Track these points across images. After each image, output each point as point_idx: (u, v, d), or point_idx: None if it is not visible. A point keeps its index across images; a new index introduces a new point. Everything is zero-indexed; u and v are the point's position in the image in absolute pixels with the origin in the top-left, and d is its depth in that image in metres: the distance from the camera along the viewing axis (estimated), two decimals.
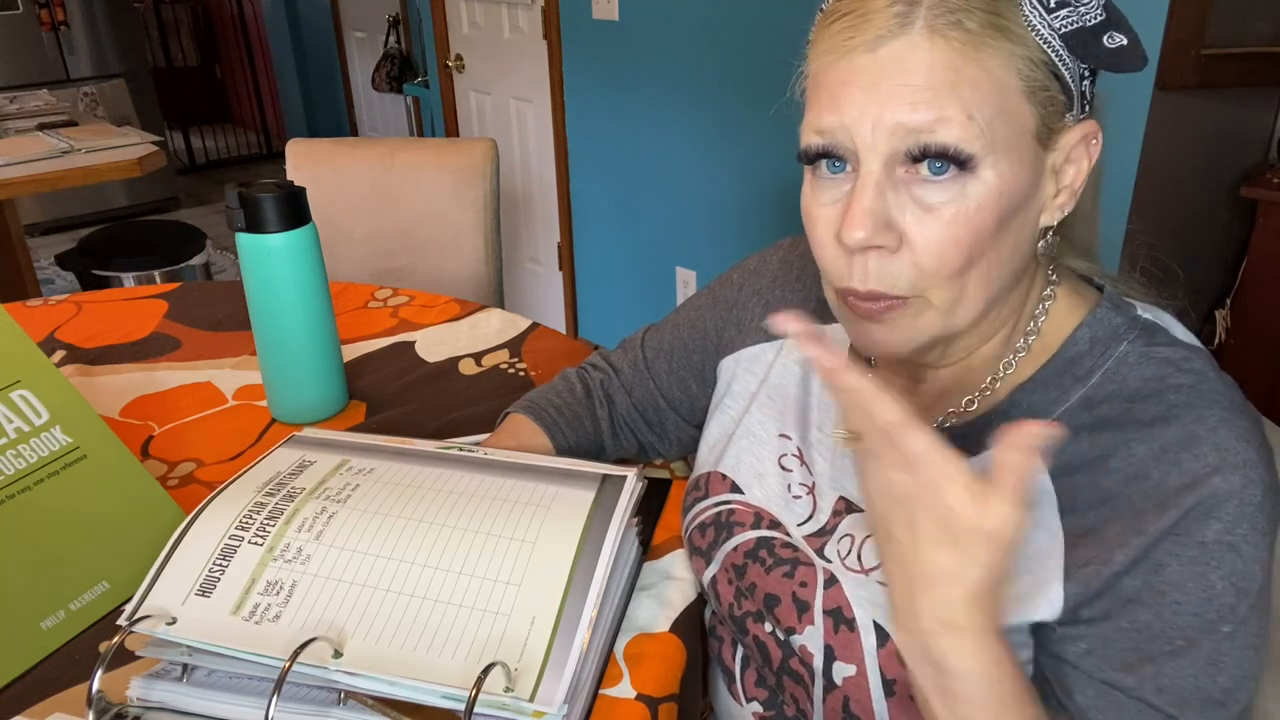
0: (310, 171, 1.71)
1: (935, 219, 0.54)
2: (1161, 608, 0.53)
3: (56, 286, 3.60)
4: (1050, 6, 0.53)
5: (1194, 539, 0.52)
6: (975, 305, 0.57)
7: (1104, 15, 0.54)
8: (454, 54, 3.14)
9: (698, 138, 2.45)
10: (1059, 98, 0.55)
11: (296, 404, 1.00)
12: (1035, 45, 0.53)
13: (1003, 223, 0.55)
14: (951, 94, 0.51)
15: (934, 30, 0.51)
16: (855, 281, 0.56)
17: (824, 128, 0.55)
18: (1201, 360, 0.58)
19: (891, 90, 0.52)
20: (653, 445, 0.90)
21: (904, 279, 0.55)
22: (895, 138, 0.52)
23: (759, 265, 0.82)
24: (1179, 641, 0.53)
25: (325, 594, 0.61)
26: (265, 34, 5.45)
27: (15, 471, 0.72)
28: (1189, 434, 0.54)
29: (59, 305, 1.32)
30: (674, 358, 0.85)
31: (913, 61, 0.51)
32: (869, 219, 0.53)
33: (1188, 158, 1.80)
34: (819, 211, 0.58)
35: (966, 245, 0.54)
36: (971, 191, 0.53)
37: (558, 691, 0.55)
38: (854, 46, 0.53)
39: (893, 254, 0.55)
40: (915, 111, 0.51)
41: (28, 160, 2.14)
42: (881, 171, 0.53)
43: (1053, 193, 0.57)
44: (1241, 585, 0.52)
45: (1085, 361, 0.60)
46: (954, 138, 0.51)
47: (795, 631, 0.66)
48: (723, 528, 0.73)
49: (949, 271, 0.55)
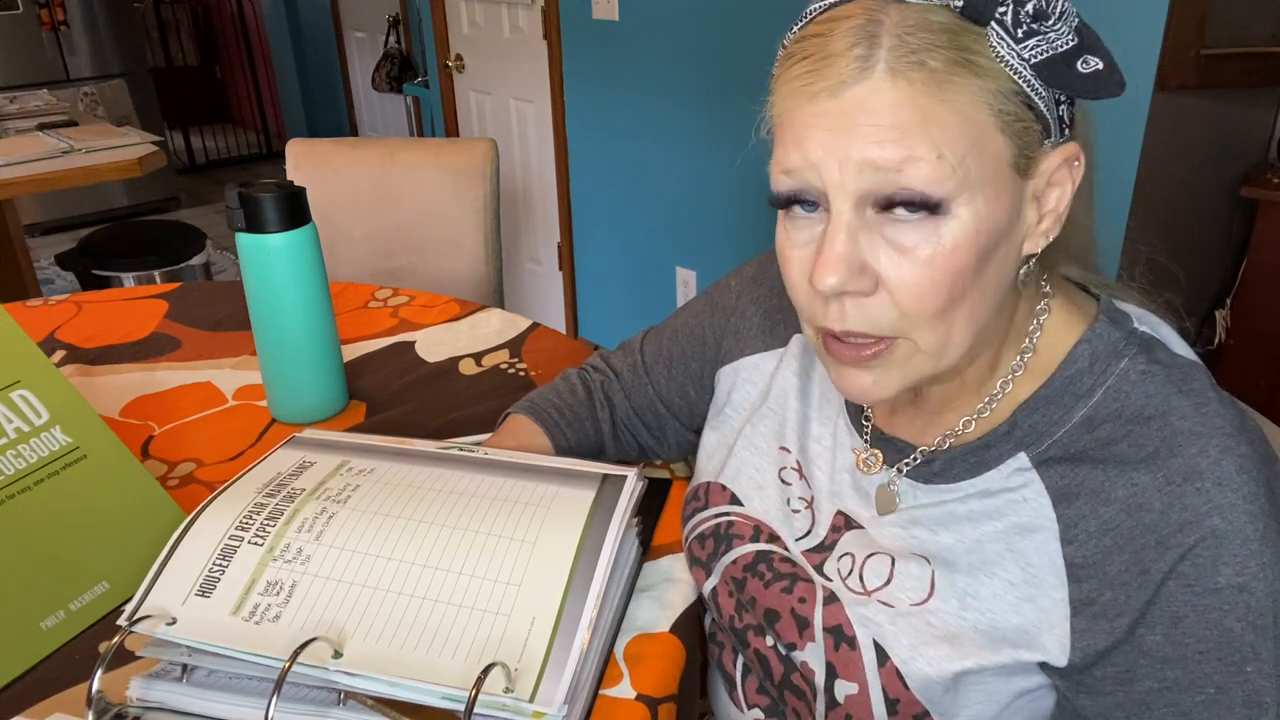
0: (310, 171, 1.71)
1: (910, 261, 0.52)
2: (1186, 661, 0.53)
3: (56, 286, 3.60)
4: (1018, 37, 0.50)
5: (1207, 587, 0.52)
6: (963, 342, 0.56)
7: (1076, 40, 0.52)
8: (454, 54, 3.14)
9: (698, 138, 2.45)
10: (1034, 127, 0.53)
11: (296, 404, 1.00)
12: (1005, 77, 0.51)
13: (982, 259, 0.53)
14: (920, 132, 0.50)
15: (895, 72, 0.50)
16: (831, 322, 0.55)
17: (791, 168, 0.54)
18: (1201, 378, 0.57)
19: (857, 130, 0.50)
20: (653, 448, 0.89)
21: (885, 319, 0.54)
22: (863, 176, 0.51)
23: (757, 273, 0.82)
24: (1209, 689, 0.52)
25: (325, 594, 0.61)
26: (265, 34, 5.45)
27: (15, 471, 0.72)
28: (1191, 467, 0.53)
29: (59, 305, 1.32)
30: (672, 364, 0.85)
31: (877, 104, 0.50)
32: (841, 265, 0.52)
33: (1188, 158, 1.80)
34: (792, 253, 0.56)
35: (946, 286, 0.53)
36: (946, 232, 0.52)
37: (558, 692, 0.55)
38: (816, 91, 0.51)
39: (868, 297, 0.54)
40: (883, 149, 0.50)
41: (28, 160, 2.14)
42: (852, 213, 0.52)
43: (1035, 220, 0.56)
44: (1259, 622, 0.52)
45: (1085, 379, 0.59)
46: (922, 180, 0.50)
47: (796, 647, 0.65)
48: (722, 539, 0.73)
49: (930, 312, 0.53)
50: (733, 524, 0.73)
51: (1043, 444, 0.59)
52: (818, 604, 0.65)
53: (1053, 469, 0.58)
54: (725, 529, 0.73)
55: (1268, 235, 1.88)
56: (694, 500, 0.78)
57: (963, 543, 0.61)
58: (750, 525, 0.72)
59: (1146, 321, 0.62)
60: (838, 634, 0.63)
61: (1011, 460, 0.60)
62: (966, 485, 0.62)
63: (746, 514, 0.73)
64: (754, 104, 0.59)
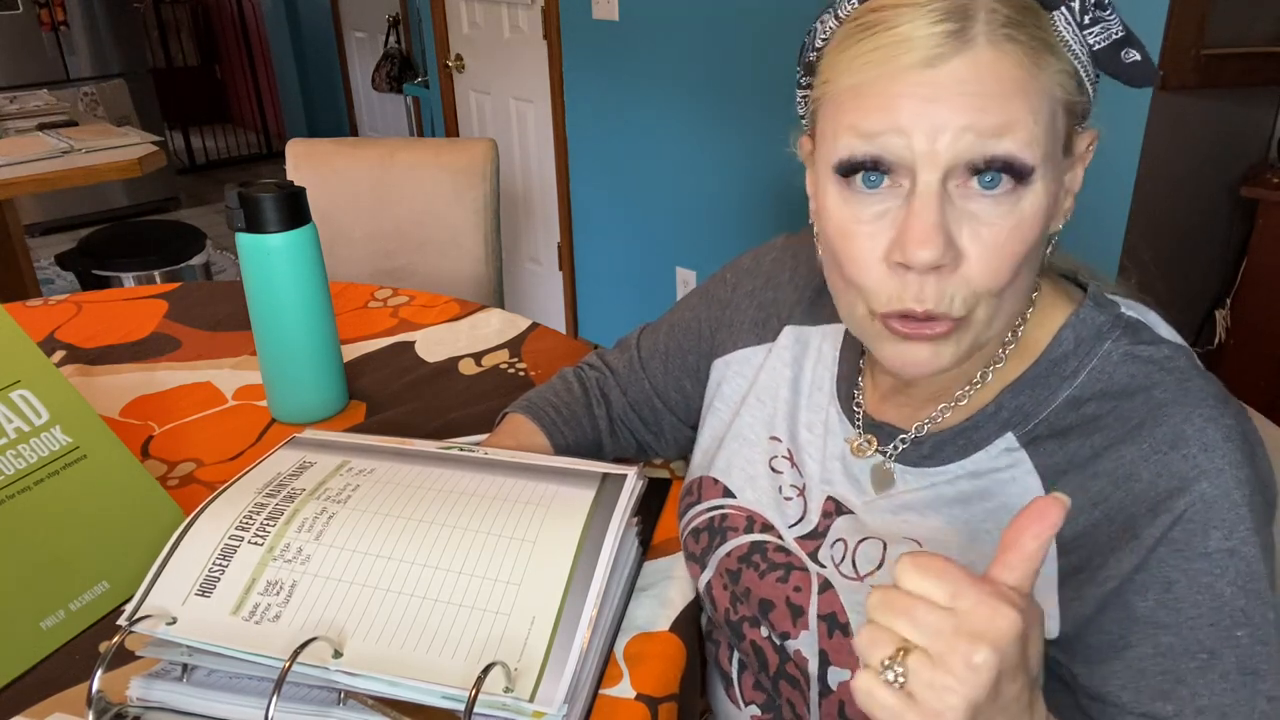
0: (310, 171, 1.71)
1: (991, 234, 0.52)
2: (1179, 625, 0.53)
3: (56, 286, 3.60)
4: (1084, 23, 0.53)
5: (1197, 551, 0.52)
6: (1007, 319, 0.57)
7: (1124, 31, 0.55)
8: (454, 54, 3.13)
9: (698, 137, 2.45)
10: (1083, 109, 0.56)
11: (296, 404, 1.00)
12: (1068, 59, 0.54)
13: (1042, 235, 0.55)
14: (1020, 99, 0.51)
15: (993, 43, 0.51)
16: (912, 303, 0.53)
17: (870, 132, 0.52)
18: (1184, 358, 0.58)
19: (956, 100, 0.50)
20: (650, 445, 0.90)
21: (959, 298, 0.54)
22: (960, 143, 0.50)
23: (753, 265, 0.82)
24: (1201, 655, 0.52)
25: (325, 594, 0.61)
26: (265, 34, 5.45)
27: (15, 471, 0.72)
28: (1177, 434, 0.54)
29: (59, 305, 1.32)
30: (669, 358, 0.85)
31: (978, 73, 0.50)
32: (939, 235, 0.51)
33: (1188, 158, 1.80)
34: (859, 229, 0.55)
35: (1017, 260, 0.53)
36: (1026, 205, 0.53)
37: (558, 691, 0.55)
38: (908, 64, 0.51)
39: (951, 273, 0.53)
40: (986, 114, 0.50)
41: (28, 160, 2.14)
42: (939, 184, 0.52)
43: (1063, 199, 0.58)
44: (1249, 586, 0.52)
45: (1070, 361, 0.60)
46: (1019, 145, 0.51)
47: (790, 636, 0.66)
48: (716, 532, 0.73)
49: (997, 288, 0.54)
50: (726, 516, 0.73)
51: (1029, 424, 0.60)
52: (813, 592, 0.65)
53: (1041, 447, 0.59)
54: (719, 522, 0.73)
55: (1267, 235, 1.88)
56: (688, 495, 0.78)
57: (953, 525, 0.61)
58: (743, 517, 0.72)
59: (1134, 308, 0.63)
60: (831, 621, 0.64)
61: (1000, 440, 0.61)
62: (955, 468, 0.63)
63: (739, 505, 0.73)
64: (754, 104, 0.59)
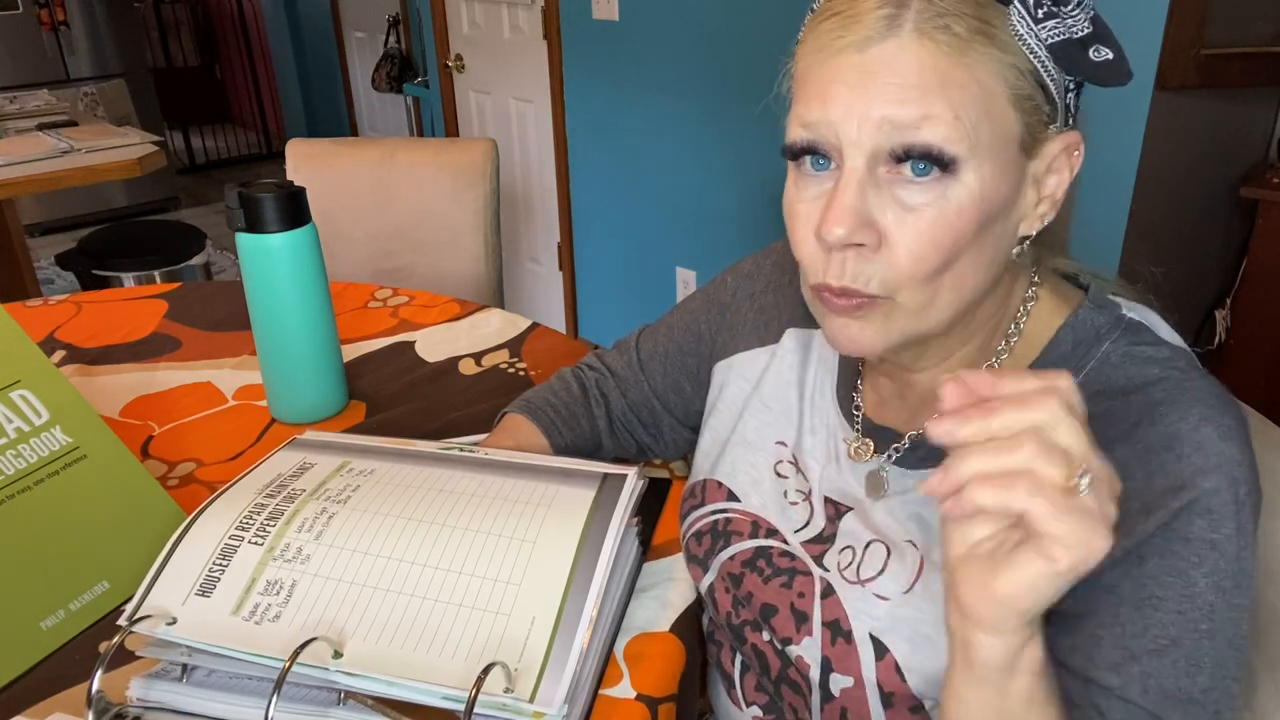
0: (310, 171, 1.71)
1: (915, 220, 0.54)
2: (1142, 602, 0.53)
3: (56, 286, 3.60)
4: (1038, 17, 0.53)
5: (1177, 535, 0.52)
6: (947, 309, 0.57)
7: (1090, 28, 0.54)
8: (454, 54, 3.13)
9: (698, 138, 2.45)
10: (1044, 107, 0.55)
11: (296, 404, 1.00)
12: (1022, 54, 0.53)
13: (982, 228, 0.55)
14: (939, 93, 0.51)
15: (922, 33, 0.51)
16: (830, 277, 0.56)
17: (809, 121, 0.55)
18: (1184, 359, 0.58)
19: (878, 88, 0.52)
20: (649, 445, 0.90)
21: (876, 279, 0.55)
22: (880, 133, 0.52)
23: (753, 269, 0.82)
24: (1162, 640, 0.52)
25: (325, 594, 0.61)
26: (265, 34, 5.45)
27: (15, 471, 0.72)
28: (1172, 434, 0.53)
29: (59, 305, 1.32)
30: (668, 360, 0.85)
31: (900, 62, 0.52)
32: (850, 216, 0.53)
33: (1188, 158, 1.80)
34: (800, 207, 0.58)
35: (944, 248, 0.54)
36: (953, 194, 0.53)
37: (558, 692, 0.55)
38: (842, 46, 0.53)
39: (872, 253, 0.55)
40: (902, 107, 0.52)
41: (28, 160, 2.14)
42: (864, 169, 0.53)
43: (1034, 201, 0.58)
44: (1224, 584, 0.52)
45: (1068, 363, 0.60)
46: (939, 137, 0.52)
47: (792, 642, 0.65)
48: (719, 536, 0.73)
49: (923, 274, 0.55)
50: (730, 520, 0.73)
51: None
52: (816, 597, 0.65)
53: None
54: (723, 525, 0.73)
55: (1267, 235, 1.88)
56: (690, 498, 0.78)
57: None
58: (748, 521, 0.72)
59: (1135, 310, 0.62)
60: (835, 628, 0.63)
61: None
62: None
63: (744, 510, 0.73)
64: (754, 104, 0.60)
